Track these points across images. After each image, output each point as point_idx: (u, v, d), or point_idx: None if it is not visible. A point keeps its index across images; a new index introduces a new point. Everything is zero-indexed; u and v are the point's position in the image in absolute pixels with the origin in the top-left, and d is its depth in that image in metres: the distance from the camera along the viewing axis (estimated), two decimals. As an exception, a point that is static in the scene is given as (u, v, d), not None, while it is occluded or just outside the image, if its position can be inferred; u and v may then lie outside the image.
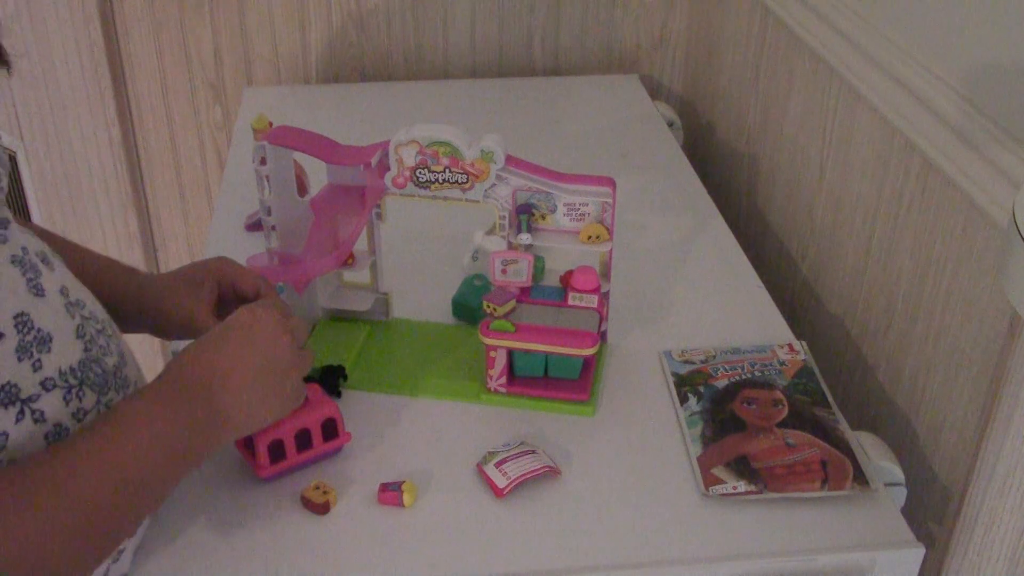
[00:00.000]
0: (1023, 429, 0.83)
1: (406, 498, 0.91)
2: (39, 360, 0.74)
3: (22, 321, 0.74)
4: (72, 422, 0.77)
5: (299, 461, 0.94)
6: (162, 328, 0.99)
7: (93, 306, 0.84)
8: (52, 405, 0.75)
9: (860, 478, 0.93)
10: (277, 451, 0.92)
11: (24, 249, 0.78)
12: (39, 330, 0.75)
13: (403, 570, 0.86)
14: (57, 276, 0.80)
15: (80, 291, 0.83)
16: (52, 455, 0.73)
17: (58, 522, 0.70)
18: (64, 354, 0.77)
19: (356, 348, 1.11)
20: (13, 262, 0.76)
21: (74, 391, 0.77)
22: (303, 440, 0.93)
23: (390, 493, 0.91)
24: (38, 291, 0.77)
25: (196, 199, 1.90)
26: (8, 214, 0.80)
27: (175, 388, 0.80)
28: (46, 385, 0.75)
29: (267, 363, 0.84)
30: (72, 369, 0.77)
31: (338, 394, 1.04)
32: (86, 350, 0.79)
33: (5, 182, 0.79)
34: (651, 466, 0.97)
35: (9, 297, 0.74)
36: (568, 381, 1.04)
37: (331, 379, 1.04)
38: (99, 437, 0.75)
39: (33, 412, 0.73)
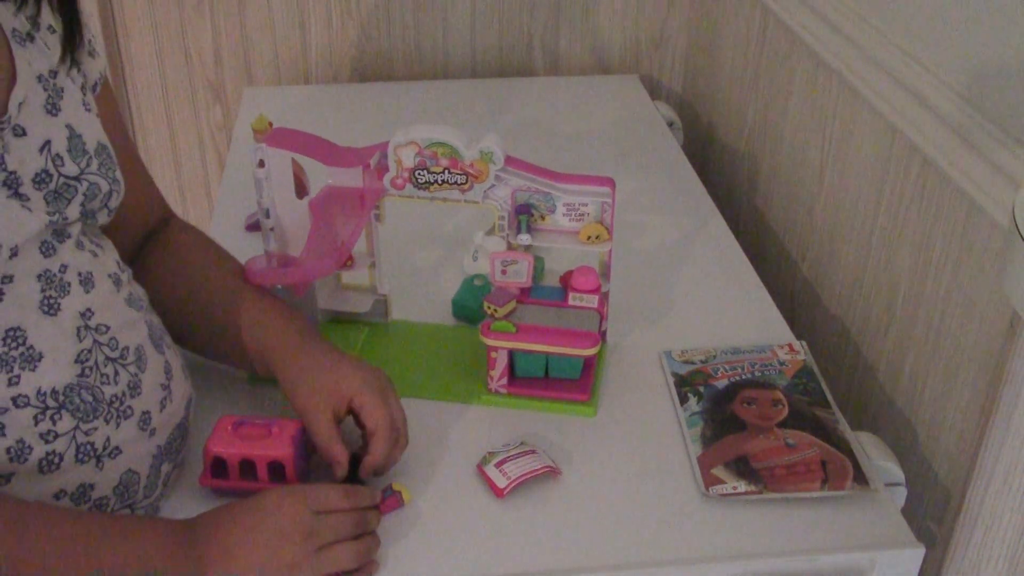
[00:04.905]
0: (1023, 429, 0.83)
1: (404, 496, 0.91)
2: (17, 376, 0.75)
3: (12, 336, 0.75)
4: (38, 442, 0.76)
5: (241, 487, 0.90)
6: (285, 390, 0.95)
7: (121, 334, 0.83)
8: (18, 421, 0.75)
9: (860, 478, 0.93)
10: (223, 467, 0.90)
11: (63, 267, 0.79)
12: (30, 347, 0.76)
13: (403, 570, 0.86)
14: (89, 299, 0.80)
15: (114, 317, 0.83)
16: (47, 508, 0.75)
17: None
18: (50, 375, 0.77)
19: (356, 350, 1.10)
20: (39, 277, 0.77)
21: (48, 413, 0.77)
22: (248, 469, 0.90)
23: (390, 500, 0.91)
24: (50, 309, 0.78)
25: (196, 199, 1.90)
26: (75, 232, 0.81)
27: (183, 538, 0.79)
28: (17, 401, 0.75)
29: (271, 557, 0.79)
30: (54, 391, 0.77)
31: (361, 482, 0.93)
32: (81, 375, 0.79)
33: (74, 208, 0.80)
34: (651, 466, 0.97)
35: (9, 311, 0.75)
36: (568, 381, 1.04)
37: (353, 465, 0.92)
38: (93, 524, 0.76)
39: None
